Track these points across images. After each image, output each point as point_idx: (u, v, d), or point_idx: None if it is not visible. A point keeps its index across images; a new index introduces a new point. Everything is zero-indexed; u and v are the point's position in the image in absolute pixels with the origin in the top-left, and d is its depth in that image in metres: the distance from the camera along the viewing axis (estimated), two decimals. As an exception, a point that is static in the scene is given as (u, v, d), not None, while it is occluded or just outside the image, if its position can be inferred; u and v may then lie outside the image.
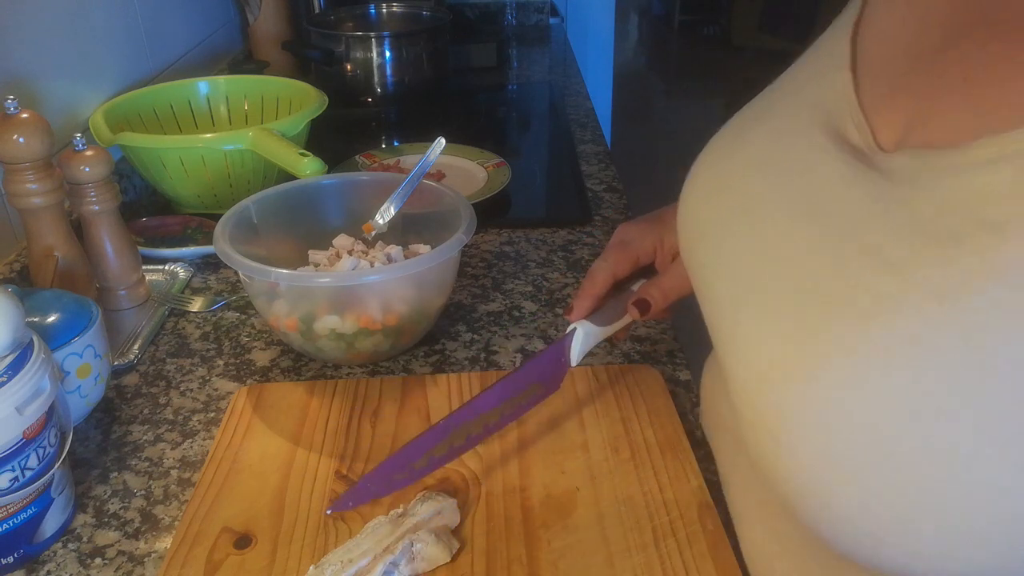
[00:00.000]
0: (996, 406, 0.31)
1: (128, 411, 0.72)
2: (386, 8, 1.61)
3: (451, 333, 0.81)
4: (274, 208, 0.81)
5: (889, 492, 0.33)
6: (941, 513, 0.32)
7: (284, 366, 0.77)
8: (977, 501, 0.31)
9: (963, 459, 0.31)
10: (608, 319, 0.62)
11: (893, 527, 0.33)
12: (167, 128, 1.14)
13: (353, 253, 0.79)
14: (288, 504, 0.60)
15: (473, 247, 0.97)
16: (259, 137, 0.97)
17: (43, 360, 0.56)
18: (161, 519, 0.61)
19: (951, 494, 0.31)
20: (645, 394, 0.70)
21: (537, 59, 1.82)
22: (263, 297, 0.74)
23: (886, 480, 0.33)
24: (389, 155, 1.18)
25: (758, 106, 0.52)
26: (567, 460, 0.63)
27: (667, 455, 0.63)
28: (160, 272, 0.93)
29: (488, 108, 1.55)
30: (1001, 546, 0.31)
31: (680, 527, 0.57)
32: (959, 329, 0.32)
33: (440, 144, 0.81)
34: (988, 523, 0.31)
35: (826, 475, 0.35)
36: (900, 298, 0.34)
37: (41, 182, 0.76)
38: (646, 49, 5.61)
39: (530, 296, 0.87)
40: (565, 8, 2.23)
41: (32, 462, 0.55)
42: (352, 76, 1.44)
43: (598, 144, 1.30)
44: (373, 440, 0.66)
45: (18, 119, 0.74)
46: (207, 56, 1.49)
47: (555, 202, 1.14)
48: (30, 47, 0.94)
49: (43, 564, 0.57)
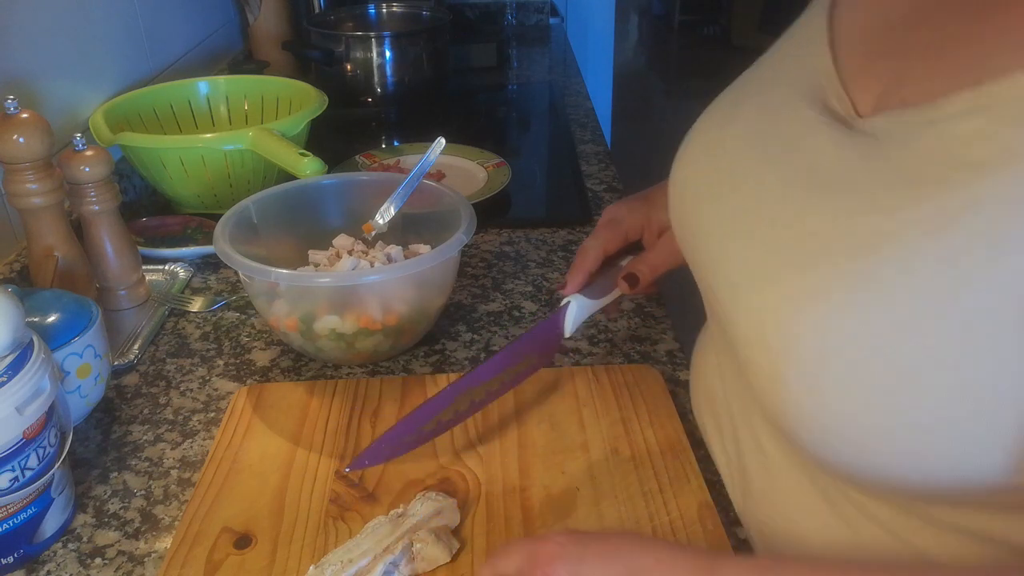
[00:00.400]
0: (977, 320, 0.35)
1: (128, 411, 0.72)
2: (386, 8, 1.61)
3: (451, 333, 0.81)
4: (274, 208, 0.81)
5: (887, 405, 0.38)
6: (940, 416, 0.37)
7: (284, 366, 0.77)
8: (962, 402, 0.36)
9: (950, 366, 0.36)
10: (599, 292, 0.66)
11: (885, 433, 0.39)
12: (167, 128, 1.14)
13: (353, 253, 0.79)
14: (288, 504, 0.60)
15: (473, 247, 0.97)
16: (259, 137, 0.97)
17: (43, 360, 0.56)
18: (161, 519, 0.61)
19: (942, 398, 0.37)
20: (645, 394, 0.70)
21: (537, 59, 1.82)
22: (263, 297, 0.74)
23: (887, 396, 0.38)
24: (389, 155, 1.18)
25: (746, 82, 0.56)
26: (567, 460, 0.63)
27: (667, 455, 0.63)
28: (160, 272, 0.93)
29: (488, 108, 1.55)
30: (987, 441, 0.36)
31: (680, 527, 0.57)
32: (947, 257, 0.36)
33: (440, 144, 0.81)
34: (972, 421, 0.36)
35: (828, 397, 0.40)
36: (893, 235, 0.39)
37: (41, 182, 0.76)
38: (646, 49, 5.60)
39: (530, 296, 0.87)
40: (565, 8, 2.23)
41: (32, 462, 0.55)
42: (352, 76, 1.44)
43: (598, 144, 1.30)
44: (373, 440, 0.66)
45: (18, 119, 0.74)
46: (207, 56, 1.49)
47: (555, 202, 1.14)
48: (30, 47, 0.94)
49: (43, 564, 0.57)
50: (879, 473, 0.40)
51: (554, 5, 2.03)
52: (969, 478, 0.38)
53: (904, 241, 0.38)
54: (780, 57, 0.55)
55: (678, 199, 0.56)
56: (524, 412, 0.69)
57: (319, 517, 0.59)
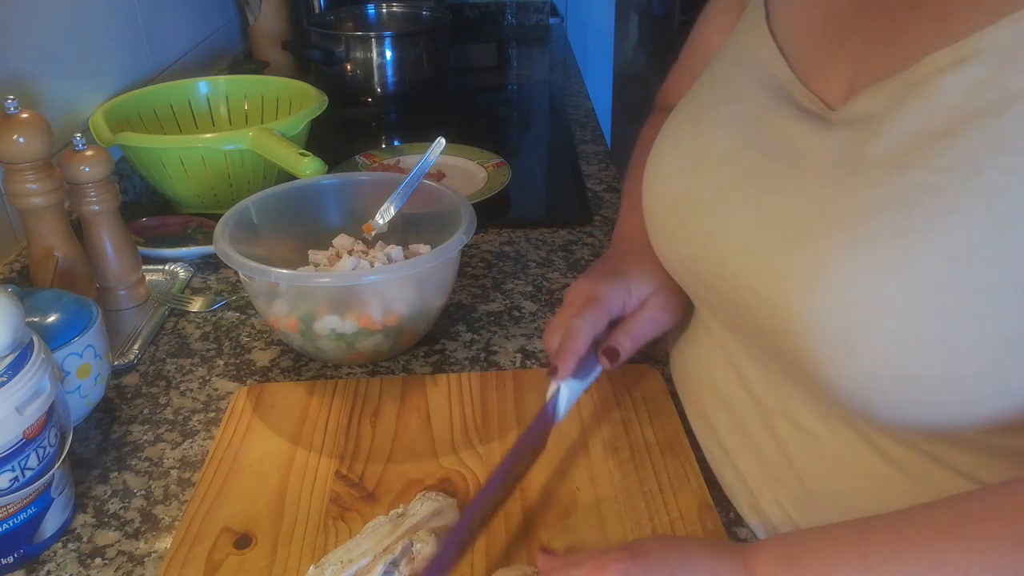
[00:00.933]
0: (1016, 261, 0.38)
1: (128, 411, 0.72)
2: (386, 8, 1.61)
3: (451, 333, 0.81)
4: (274, 208, 0.81)
5: (923, 357, 0.40)
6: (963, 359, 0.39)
7: (284, 366, 0.77)
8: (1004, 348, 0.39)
9: (979, 304, 0.38)
10: (585, 372, 0.62)
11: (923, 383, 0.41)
12: (167, 128, 1.14)
13: (353, 253, 0.79)
14: (288, 504, 0.60)
15: (473, 247, 0.97)
16: (259, 137, 0.97)
17: (43, 360, 0.56)
18: (161, 519, 0.61)
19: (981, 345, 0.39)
20: (645, 394, 0.70)
21: (537, 59, 1.82)
22: (263, 297, 0.74)
23: (922, 348, 0.40)
24: (389, 155, 1.18)
25: (700, 97, 0.58)
26: (567, 460, 0.63)
27: (667, 455, 0.63)
28: (160, 272, 0.93)
29: (488, 108, 1.55)
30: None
31: (680, 527, 0.57)
32: (980, 201, 0.38)
33: (440, 144, 0.81)
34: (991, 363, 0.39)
35: (863, 354, 0.42)
36: (918, 187, 0.40)
37: (41, 182, 0.76)
38: (646, 49, 5.60)
39: (530, 296, 0.87)
40: (565, 8, 2.23)
41: (32, 462, 0.55)
42: (352, 76, 1.44)
43: (598, 144, 1.30)
44: (373, 440, 0.66)
45: (18, 119, 0.74)
46: (207, 56, 1.49)
47: (555, 202, 1.14)
48: (30, 47, 0.94)
49: (43, 564, 0.57)
50: (924, 420, 0.42)
51: (554, 5, 2.03)
52: (1016, 406, 0.40)
53: (932, 191, 0.40)
54: (728, 65, 0.57)
55: (662, 214, 0.57)
56: (524, 412, 0.69)
57: (319, 517, 0.59)
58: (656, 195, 0.58)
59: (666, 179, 0.57)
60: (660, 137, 0.59)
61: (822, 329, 0.43)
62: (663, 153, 0.58)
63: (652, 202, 0.58)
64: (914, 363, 0.40)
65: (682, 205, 0.55)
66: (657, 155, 0.59)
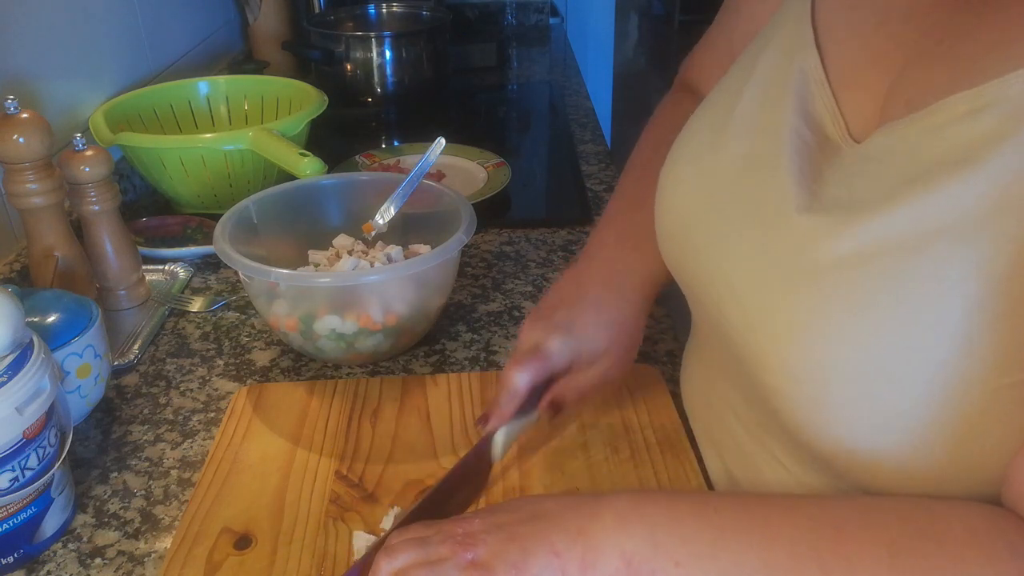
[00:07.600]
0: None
1: (128, 411, 0.72)
2: (386, 8, 1.61)
3: (451, 333, 0.81)
4: (274, 208, 0.81)
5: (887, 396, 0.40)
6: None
7: (284, 366, 0.77)
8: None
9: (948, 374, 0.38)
10: (524, 412, 0.59)
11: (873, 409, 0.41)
12: (167, 128, 1.14)
13: (353, 253, 0.79)
14: (288, 504, 0.60)
15: (473, 247, 0.97)
16: (259, 137, 0.97)
17: (43, 360, 0.56)
18: (161, 519, 0.61)
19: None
20: (645, 394, 0.70)
21: (537, 59, 1.82)
22: (263, 297, 0.74)
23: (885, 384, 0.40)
24: (389, 155, 1.18)
25: (728, 91, 0.55)
26: (567, 460, 0.63)
27: (667, 455, 0.63)
28: (160, 272, 0.93)
29: (488, 108, 1.55)
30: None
31: (680, 527, 0.57)
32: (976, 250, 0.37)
33: (440, 144, 0.81)
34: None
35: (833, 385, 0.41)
36: (919, 236, 0.39)
37: (41, 182, 0.76)
38: (646, 49, 5.60)
39: (530, 296, 0.87)
40: (565, 8, 2.23)
41: (32, 462, 0.55)
42: (352, 76, 1.44)
43: (598, 144, 1.30)
44: (373, 440, 0.66)
45: (18, 119, 0.74)
46: (207, 56, 1.49)
47: (555, 202, 1.14)
48: (30, 47, 0.94)
49: (43, 564, 0.57)
50: (894, 473, 0.42)
51: (554, 5, 2.03)
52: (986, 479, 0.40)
53: (926, 240, 0.39)
54: (761, 62, 0.53)
55: (673, 224, 0.56)
56: (524, 412, 0.69)
57: (319, 517, 0.59)
58: (668, 206, 0.56)
59: (680, 192, 0.55)
60: (680, 141, 0.57)
61: (794, 381, 0.43)
62: (681, 161, 0.56)
63: (664, 212, 0.57)
64: (879, 428, 0.41)
65: (691, 224, 0.53)
66: (673, 161, 0.57)
